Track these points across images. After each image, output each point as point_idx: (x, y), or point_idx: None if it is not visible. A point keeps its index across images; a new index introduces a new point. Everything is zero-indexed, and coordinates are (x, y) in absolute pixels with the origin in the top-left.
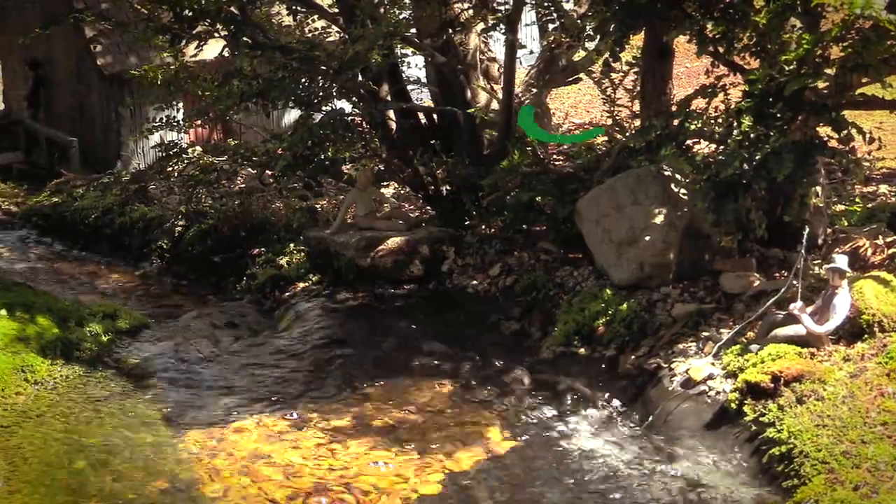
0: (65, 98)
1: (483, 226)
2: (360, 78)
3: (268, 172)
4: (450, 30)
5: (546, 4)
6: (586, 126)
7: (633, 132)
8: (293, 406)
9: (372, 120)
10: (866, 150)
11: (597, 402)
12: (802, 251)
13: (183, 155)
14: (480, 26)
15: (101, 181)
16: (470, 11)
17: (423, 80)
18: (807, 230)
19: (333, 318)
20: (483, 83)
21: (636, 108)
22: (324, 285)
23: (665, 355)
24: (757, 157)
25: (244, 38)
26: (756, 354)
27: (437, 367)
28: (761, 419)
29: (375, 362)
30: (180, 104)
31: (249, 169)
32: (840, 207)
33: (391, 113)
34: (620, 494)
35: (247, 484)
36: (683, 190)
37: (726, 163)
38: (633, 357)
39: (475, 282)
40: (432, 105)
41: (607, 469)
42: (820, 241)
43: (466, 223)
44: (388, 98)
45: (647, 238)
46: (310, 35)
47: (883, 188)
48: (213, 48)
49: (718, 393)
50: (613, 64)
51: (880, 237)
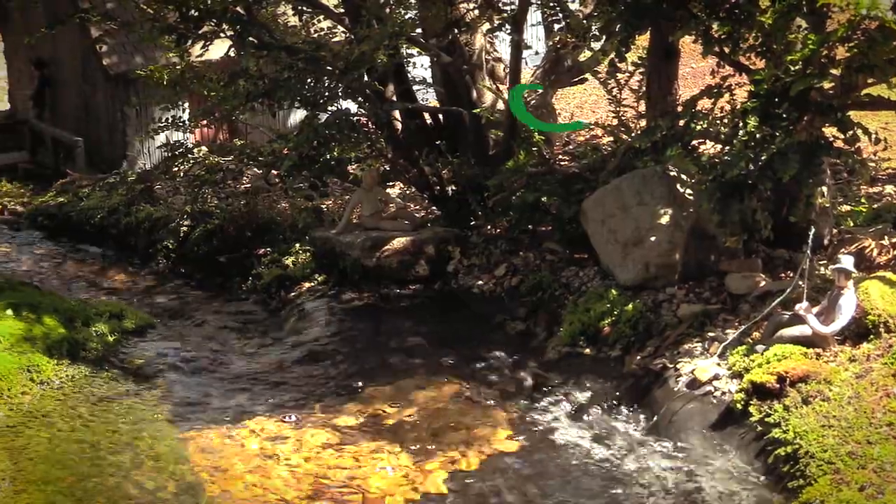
0: (70, 98)
1: (488, 226)
2: (366, 78)
3: (273, 172)
4: (455, 30)
5: (552, 5)
6: (592, 126)
7: (639, 132)
8: (299, 406)
9: (377, 120)
10: (872, 151)
11: (602, 403)
12: (808, 252)
13: (189, 155)
14: (486, 26)
15: (107, 181)
16: (475, 11)
17: (429, 81)
18: (812, 231)
19: (339, 318)
20: (489, 83)
21: (642, 109)
22: (329, 285)
23: (671, 356)
24: (763, 158)
25: (250, 38)
26: (762, 355)
27: (443, 368)
28: (767, 420)
29: (381, 362)
30: (186, 104)
31: (255, 169)
32: (846, 208)
33: (397, 113)
34: (625, 494)
35: (252, 484)
36: (689, 190)
37: (732, 163)
38: (639, 357)
39: (480, 282)
40: (438, 105)
41: (612, 469)
42: (826, 242)
43: (472, 223)
44: (394, 98)
45: (653, 238)
46: (315, 35)
47: (889, 188)
48: (219, 48)
49: (724, 393)
50: (619, 64)
51: (886, 238)
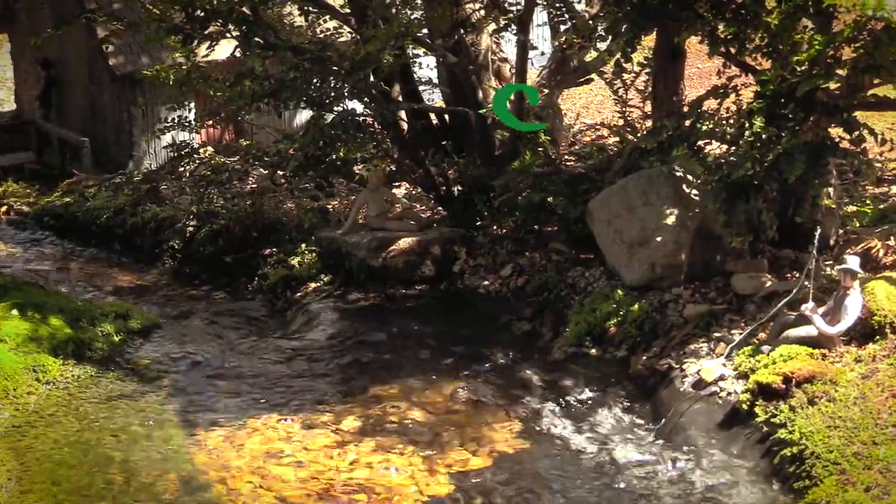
0: (77, 98)
1: (494, 226)
2: (372, 78)
3: (279, 173)
4: (461, 30)
5: (558, 5)
6: (598, 126)
7: (645, 133)
8: (304, 406)
9: (383, 120)
10: (878, 152)
11: (608, 403)
12: (814, 252)
13: (194, 155)
14: (492, 27)
15: (113, 181)
16: (481, 12)
17: (435, 81)
18: (818, 231)
19: (345, 319)
20: (494, 84)
21: (648, 109)
22: (335, 285)
23: (676, 356)
24: (768, 158)
25: (256, 39)
26: (768, 355)
27: (448, 368)
28: (773, 420)
29: (386, 363)
30: (192, 104)
31: (261, 169)
32: (852, 208)
33: (403, 113)
34: (630, 495)
35: (258, 484)
36: (695, 191)
37: (738, 164)
38: (645, 358)
39: (486, 282)
40: (444, 106)
41: (618, 470)
42: (832, 242)
43: (478, 224)
44: (400, 98)
45: (659, 239)
46: (321, 35)
47: (895, 189)
48: (225, 48)
49: (730, 394)
50: (625, 65)
51: (892, 238)
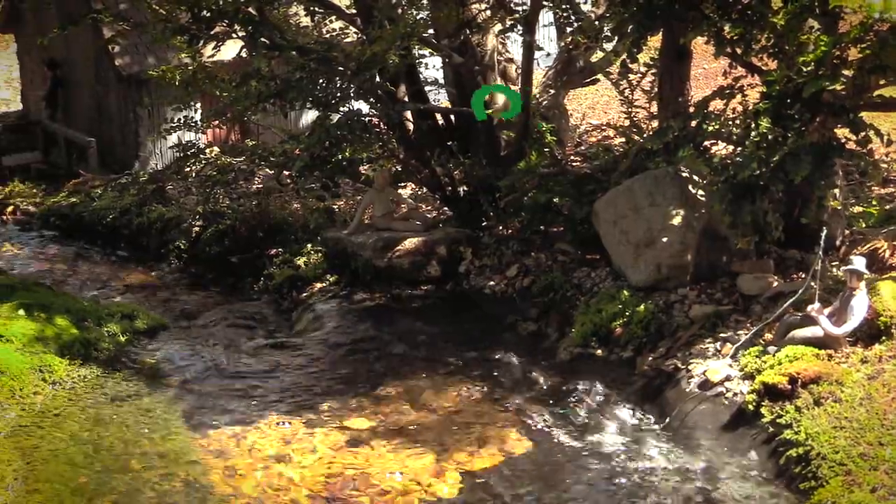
0: (83, 98)
1: (500, 227)
2: (378, 79)
3: (285, 173)
4: (467, 31)
5: (564, 6)
6: (603, 127)
7: (651, 133)
8: (310, 406)
9: (389, 121)
10: (884, 152)
11: (614, 404)
12: (820, 253)
13: (200, 155)
14: (498, 27)
15: (119, 181)
16: (487, 12)
17: (441, 81)
18: (824, 232)
19: (351, 319)
20: (500, 84)
21: (654, 110)
22: (341, 286)
23: (682, 357)
24: (774, 159)
25: (262, 39)
26: (773, 356)
27: (454, 368)
28: (778, 421)
29: (392, 363)
30: (198, 105)
31: (267, 169)
32: (858, 209)
33: (408, 114)
34: (636, 495)
35: (264, 484)
36: (701, 191)
37: (744, 164)
38: (651, 358)
39: (492, 283)
40: (449, 106)
41: (624, 470)
42: (838, 243)
43: (484, 224)
44: (406, 99)
45: (665, 239)
46: (327, 36)
47: None
48: (231, 49)
49: (736, 394)
50: (631, 65)
51: None
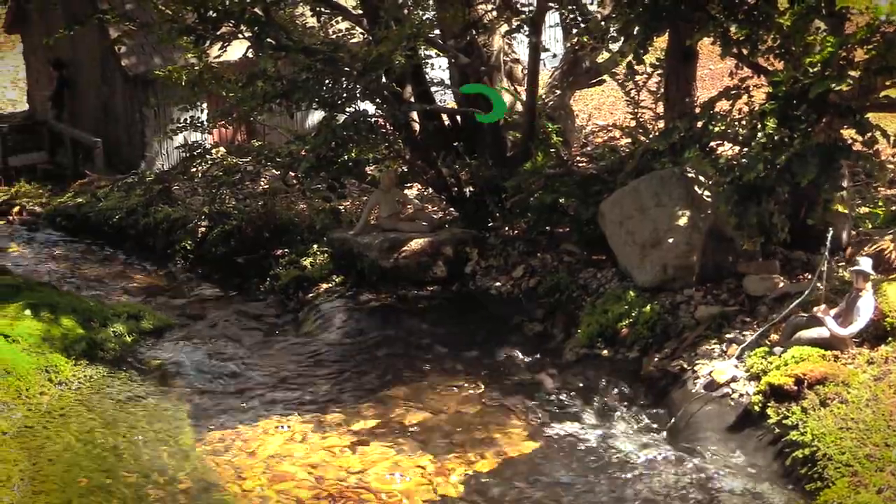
0: (89, 99)
1: (506, 227)
2: (384, 79)
3: (291, 174)
4: (473, 31)
5: (570, 7)
6: (610, 128)
7: (657, 134)
8: (316, 407)
9: (395, 121)
10: (890, 153)
11: (619, 404)
12: (826, 254)
13: (207, 156)
14: (504, 28)
15: (126, 182)
16: (493, 13)
17: (447, 82)
18: (831, 233)
19: (356, 320)
20: (507, 85)
21: (660, 110)
22: (347, 286)
23: (688, 357)
24: (781, 160)
25: (268, 40)
26: (779, 357)
27: (460, 369)
28: (784, 422)
29: (398, 364)
30: (204, 105)
31: (273, 170)
32: (864, 210)
33: (414, 114)
34: (641, 496)
35: (270, 484)
36: (707, 192)
37: (750, 166)
38: (657, 359)
39: (498, 283)
40: (455, 107)
41: (629, 471)
42: (844, 244)
43: (490, 225)
44: (412, 99)
45: (671, 240)
46: (334, 36)
47: None
48: (237, 49)
49: (742, 395)
50: (637, 66)
51: None
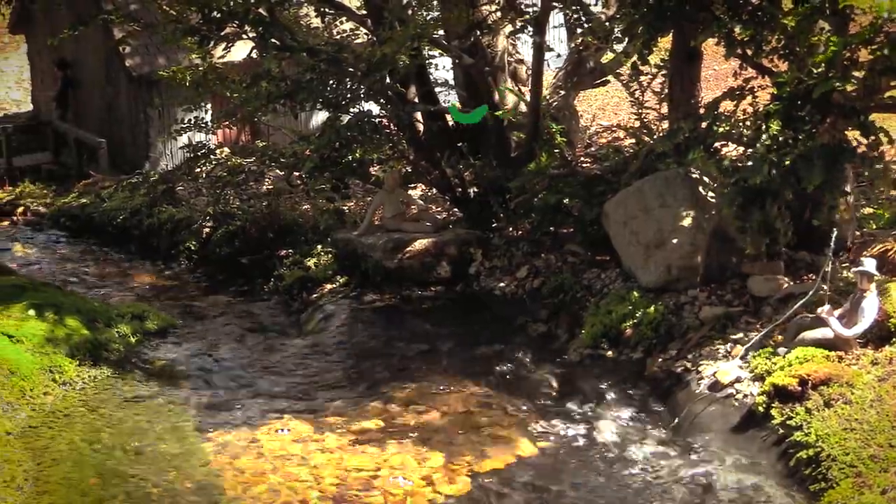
0: (93, 99)
1: (510, 228)
2: (388, 80)
3: (295, 174)
4: (477, 32)
5: (574, 7)
6: (614, 128)
7: (661, 135)
8: (321, 407)
9: (399, 122)
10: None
11: (623, 405)
12: (830, 254)
13: (211, 156)
14: (508, 28)
15: (130, 182)
16: (498, 13)
17: (451, 83)
18: (835, 233)
19: (360, 320)
20: (511, 85)
21: (664, 111)
22: (351, 287)
23: (692, 358)
24: (786, 163)
25: (272, 40)
26: (784, 358)
27: (464, 370)
28: (789, 422)
29: (402, 364)
30: (208, 105)
31: (277, 170)
32: (868, 210)
33: (419, 115)
34: (646, 497)
35: (273, 485)
36: (711, 193)
37: (754, 169)
38: (661, 360)
39: (502, 284)
40: (460, 107)
41: (633, 471)
42: (848, 245)
43: (494, 225)
44: (416, 100)
45: (675, 241)
46: (338, 37)
47: None
48: (242, 50)
49: (746, 396)
50: (641, 66)
51: None
